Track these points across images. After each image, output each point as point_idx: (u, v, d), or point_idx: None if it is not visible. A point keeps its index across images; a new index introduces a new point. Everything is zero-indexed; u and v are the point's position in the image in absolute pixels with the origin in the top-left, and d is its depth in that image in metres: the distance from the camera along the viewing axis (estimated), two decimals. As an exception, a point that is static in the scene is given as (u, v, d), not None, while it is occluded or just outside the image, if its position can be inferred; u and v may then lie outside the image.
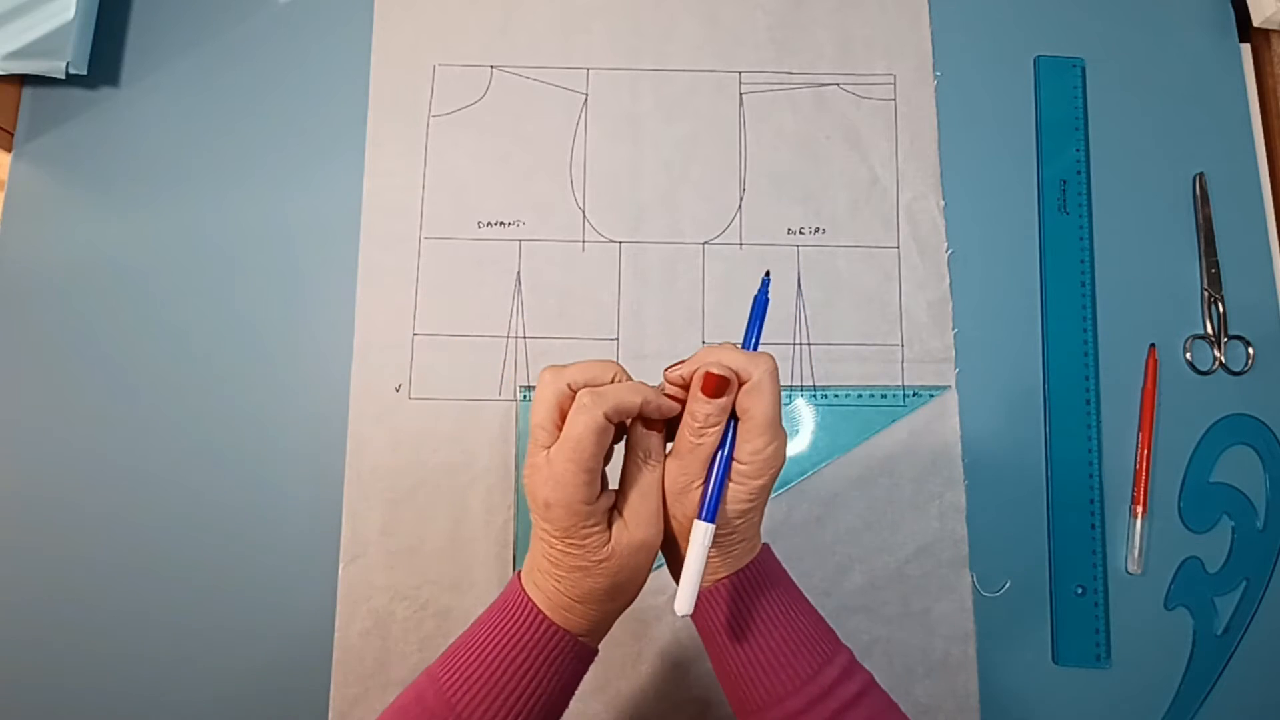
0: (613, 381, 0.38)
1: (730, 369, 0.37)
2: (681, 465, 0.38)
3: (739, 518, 0.38)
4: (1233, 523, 0.60)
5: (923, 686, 0.57)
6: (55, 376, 0.61)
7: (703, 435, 0.37)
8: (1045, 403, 0.61)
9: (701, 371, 0.37)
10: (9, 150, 0.64)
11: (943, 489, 0.60)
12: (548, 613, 0.38)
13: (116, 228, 0.63)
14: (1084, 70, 0.67)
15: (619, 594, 0.39)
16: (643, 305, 0.62)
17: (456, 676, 0.37)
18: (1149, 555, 0.59)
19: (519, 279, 0.63)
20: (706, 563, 0.37)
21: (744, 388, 0.37)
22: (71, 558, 0.58)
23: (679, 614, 0.36)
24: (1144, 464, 0.60)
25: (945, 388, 0.61)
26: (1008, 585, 0.59)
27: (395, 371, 0.61)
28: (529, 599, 0.38)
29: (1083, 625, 0.58)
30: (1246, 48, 0.68)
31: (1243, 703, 0.58)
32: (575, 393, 0.37)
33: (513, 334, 0.62)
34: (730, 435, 0.37)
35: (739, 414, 0.37)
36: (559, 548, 0.37)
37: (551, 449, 0.37)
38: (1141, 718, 0.57)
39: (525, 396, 0.61)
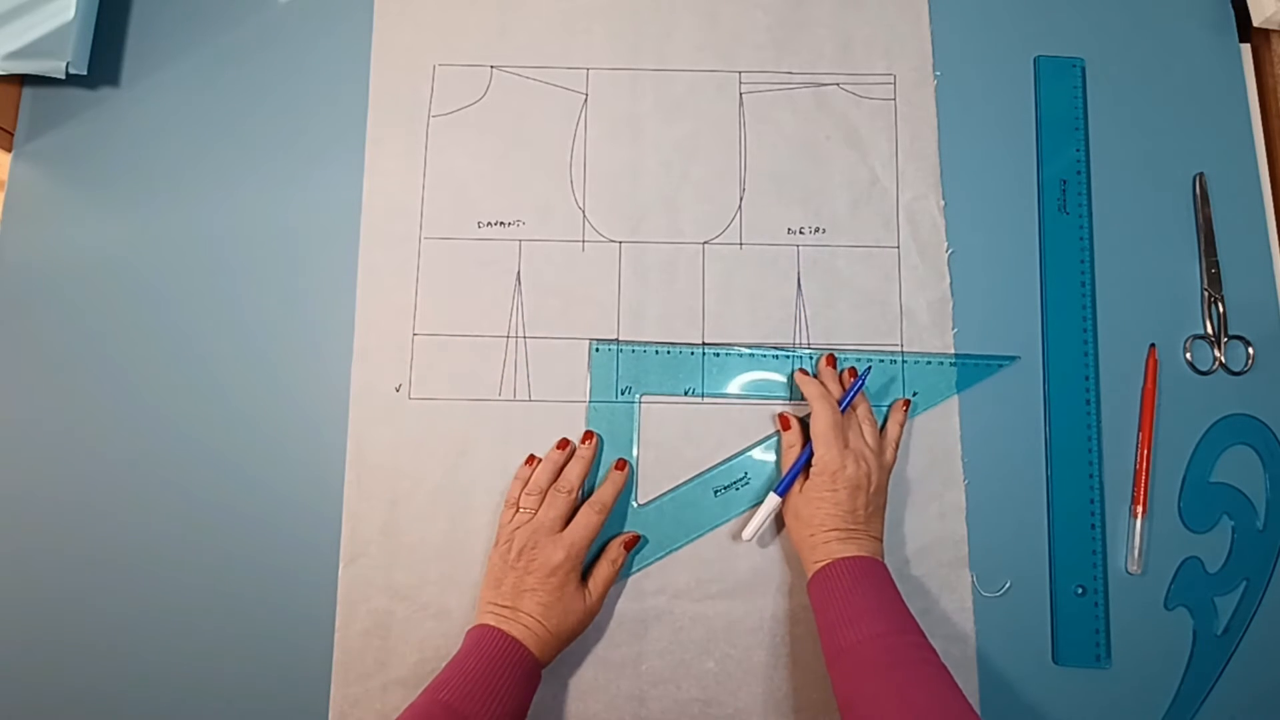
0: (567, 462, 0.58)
1: (792, 414, 0.60)
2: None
3: (808, 503, 0.54)
4: (1233, 523, 0.60)
5: (923, 686, 0.57)
6: (55, 376, 0.61)
7: (788, 451, 0.58)
8: (1045, 403, 0.61)
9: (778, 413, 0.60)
10: (9, 150, 0.64)
11: (943, 489, 0.60)
12: (530, 647, 0.51)
13: (116, 228, 0.63)
14: (1084, 70, 0.67)
15: (581, 628, 0.54)
16: (643, 305, 0.62)
17: (458, 694, 0.48)
18: (1149, 555, 0.59)
19: (519, 279, 0.63)
20: (828, 542, 0.53)
21: (812, 412, 0.57)
22: (71, 557, 0.58)
23: (744, 538, 0.57)
24: (1144, 464, 0.60)
25: (1015, 357, 0.62)
26: (1008, 585, 0.59)
27: (395, 371, 0.61)
28: (512, 638, 0.51)
29: (1083, 625, 0.58)
30: (1246, 48, 0.68)
31: (1243, 703, 0.58)
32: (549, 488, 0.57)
33: (513, 334, 0.62)
34: (809, 449, 0.56)
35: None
36: (555, 595, 0.53)
37: (565, 531, 0.54)
38: (1141, 718, 0.57)
39: (597, 348, 0.61)
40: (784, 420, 0.59)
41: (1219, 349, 0.62)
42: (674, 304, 0.62)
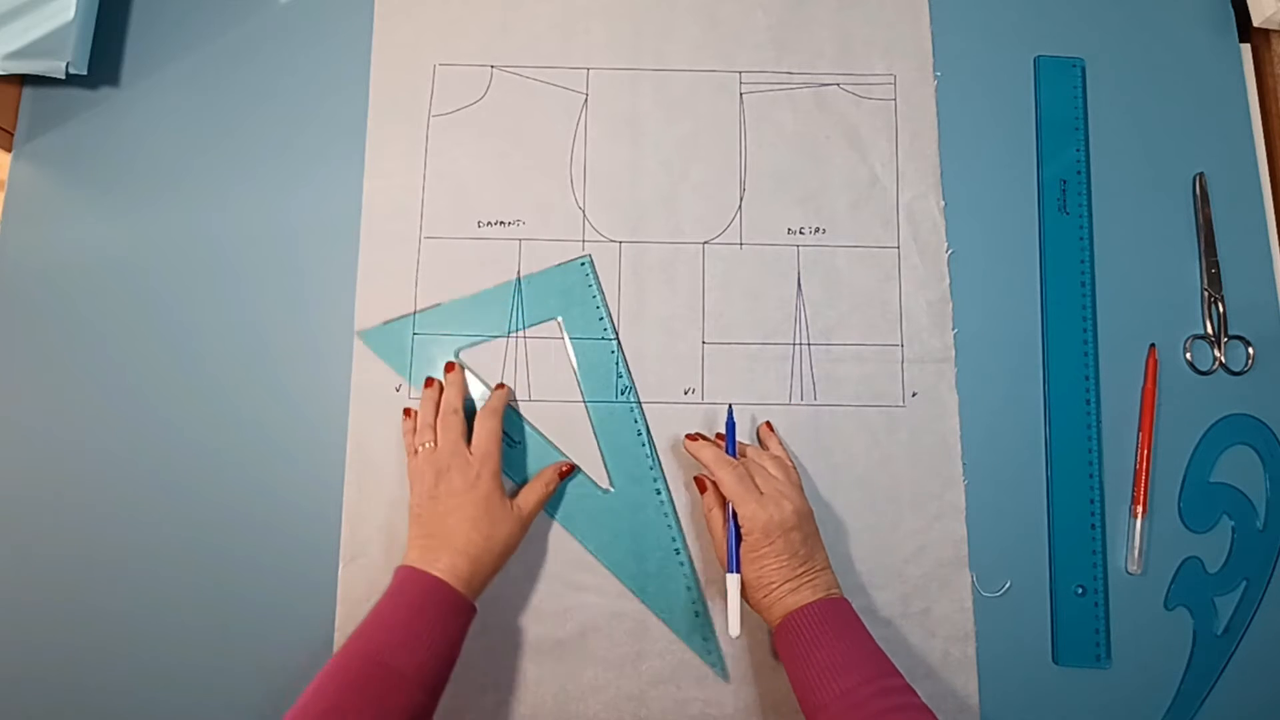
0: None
1: (705, 475, 0.56)
2: (715, 536, 0.55)
3: (752, 565, 0.52)
4: (1233, 523, 0.60)
5: (923, 686, 0.56)
6: (55, 376, 0.61)
7: (710, 515, 0.55)
8: (1045, 403, 0.61)
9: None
10: (9, 150, 0.64)
11: (943, 489, 0.60)
12: (457, 579, 0.51)
13: (116, 228, 0.63)
14: (1084, 70, 0.67)
15: (513, 540, 0.54)
16: (643, 305, 0.62)
17: (379, 643, 0.48)
18: (1149, 555, 0.59)
19: (519, 278, 0.63)
20: (783, 597, 0.51)
21: (716, 480, 0.54)
22: (71, 557, 0.58)
23: (732, 636, 0.52)
24: (1144, 464, 0.60)
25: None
26: (1008, 585, 0.59)
27: (395, 371, 0.61)
28: (435, 578, 0.50)
29: (1083, 625, 0.58)
30: (1246, 48, 0.68)
31: (1243, 703, 0.58)
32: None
33: (513, 334, 0.62)
34: (732, 513, 0.53)
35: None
36: (480, 508, 0.53)
37: (471, 445, 0.55)
38: (1141, 718, 0.57)
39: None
40: (700, 483, 0.57)
41: (1219, 349, 0.62)
42: (674, 304, 0.62)
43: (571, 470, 0.59)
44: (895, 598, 0.58)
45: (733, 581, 0.53)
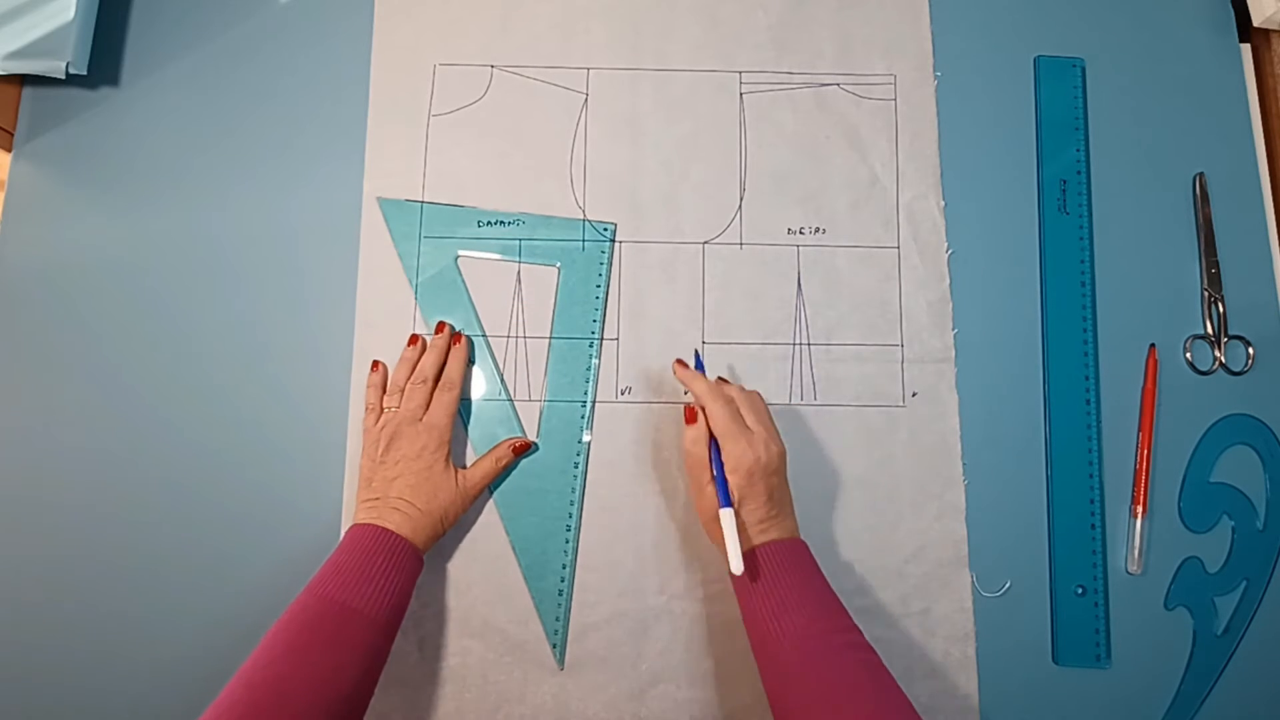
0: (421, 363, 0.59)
1: (695, 404, 0.54)
2: (694, 472, 0.54)
3: (751, 513, 0.51)
4: (1233, 523, 0.60)
5: (923, 686, 0.57)
6: (55, 376, 0.61)
7: (694, 446, 0.53)
8: (1045, 403, 0.61)
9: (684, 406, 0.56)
10: (9, 150, 0.64)
11: (943, 489, 0.60)
12: (404, 533, 0.53)
13: (116, 228, 0.63)
14: (1084, 70, 0.67)
15: (453, 510, 0.56)
16: (643, 305, 0.62)
17: (334, 586, 0.49)
18: (1149, 555, 0.59)
19: (519, 278, 0.63)
20: (752, 538, 0.51)
21: (706, 411, 0.53)
22: (71, 557, 0.58)
23: (735, 573, 0.49)
24: (1144, 464, 0.60)
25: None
26: (1008, 585, 0.59)
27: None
28: (383, 529, 0.52)
29: (1083, 625, 0.58)
30: (1246, 48, 0.68)
31: (1243, 703, 0.58)
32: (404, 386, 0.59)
33: (513, 334, 0.62)
34: (716, 450, 0.52)
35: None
36: (422, 476, 0.55)
37: (425, 416, 0.57)
38: (1141, 718, 0.57)
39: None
40: (690, 413, 0.54)
41: (1219, 349, 0.62)
42: (674, 304, 0.62)
43: (527, 448, 0.59)
44: (895, 598, 0.58)
45: (727, 516, 0.50)
